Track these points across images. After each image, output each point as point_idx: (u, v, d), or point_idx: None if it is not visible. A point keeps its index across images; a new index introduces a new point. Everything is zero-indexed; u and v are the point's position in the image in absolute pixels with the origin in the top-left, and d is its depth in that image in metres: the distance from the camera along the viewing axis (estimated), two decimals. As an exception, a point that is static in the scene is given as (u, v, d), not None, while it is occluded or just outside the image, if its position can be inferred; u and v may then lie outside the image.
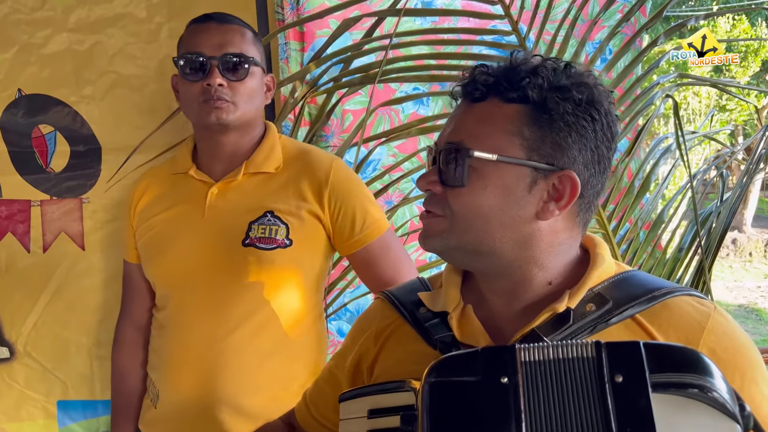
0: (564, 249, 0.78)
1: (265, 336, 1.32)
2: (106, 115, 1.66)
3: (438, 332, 0.78)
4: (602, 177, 0.78)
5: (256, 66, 1.33)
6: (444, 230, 0.77)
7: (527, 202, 0.74)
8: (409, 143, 1.72)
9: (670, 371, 0.61)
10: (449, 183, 0.76)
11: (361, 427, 0.73)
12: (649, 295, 0.75)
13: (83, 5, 1.64)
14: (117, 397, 1.51)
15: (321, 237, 1.35)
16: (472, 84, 0.77)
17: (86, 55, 1.65)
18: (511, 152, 0.74)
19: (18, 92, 1.66)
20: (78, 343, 1.69)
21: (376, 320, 0.88)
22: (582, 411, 0.61)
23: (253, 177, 1.35)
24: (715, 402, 0.59)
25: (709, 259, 1.65)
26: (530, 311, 0.76)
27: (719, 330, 0.73)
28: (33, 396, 1.70)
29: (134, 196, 1.46)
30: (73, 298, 1.68)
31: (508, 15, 1.59)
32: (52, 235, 1.68)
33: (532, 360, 0.64)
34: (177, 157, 1.44)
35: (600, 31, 1.69)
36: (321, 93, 1.63)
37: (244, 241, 1.30)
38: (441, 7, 1.68)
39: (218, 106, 1.29)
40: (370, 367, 0.85)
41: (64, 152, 1.66)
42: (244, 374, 1.31)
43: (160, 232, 1.38)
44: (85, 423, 1.75)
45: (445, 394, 0.64)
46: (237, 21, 1.36)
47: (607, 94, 0.78)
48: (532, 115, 0.74)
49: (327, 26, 1.64)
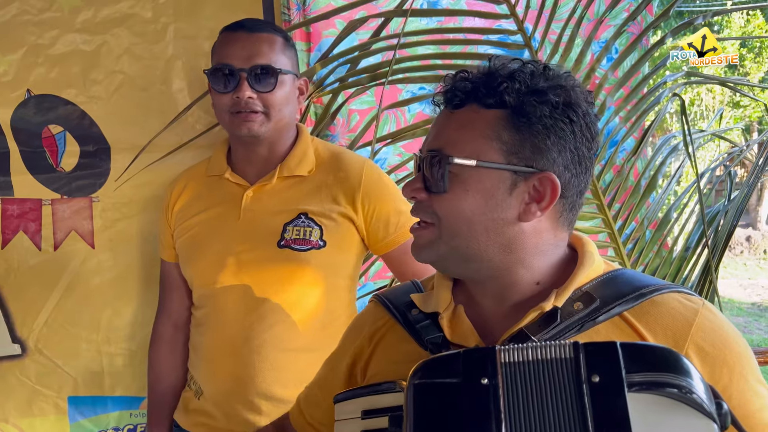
0: (549, 249, 0.79)
1: (300, 333, 1.36)
2: (113, 115, 1.68)
3: (429, 333, 0.79)
4: (584, 177, 0.79)
5: (287, 74, 1.34)
6: (433, 239, 0.78)
7: (509, 204, 0.76)
8: (414, 143, 1.73)
9: (647, 371, 0.62)
10: (433, 189, 0.77)
11: (355, 428, 0.75)
12: (636, 293, 0.76)
13: (90, 6, 1.66)
14: (154, 394, 1.55)
15: (354, 238, 1.38)
16: (452, 91, 0.78)
17: (93, 56, 1.67)
18: (490, 157, 0.75)
19: (27, 93, 1.69)
20: (88, 340, 1.72)
21: (368, 323, 0.89)
22: (560, 411, 0.62)
23: (287, 180, 1.38)
24: (692, 402, 0.60)
25: (716, 258, 1.64)
26: (519, 311, 0.78)
27: (707, 326, 0.74)
28: (44, 392, 1.73)
29: (171, 196, 1.49)
30: (83, 295, 1.70)
31: (514, 14, 1.60)
32: (63, 234, 1.71)
33: (512, 361, 0.66)
34: (212, 160, 1.47)
35: (606, 30, 1.69)
36: (327, 93, 1.65)
37: (280, 242, 1.34)
38: (447, 7, 1.69)
39: (250, 119, 1.32)
40: (363, 368, 0.87)
41: (74, 152, 1.69)
42: (280, 368, 1.35)
43: (198, 233, 1.42)
44: (95, 419, 1.78)
45: (429, 395, 0.66)
46: (268, 28, 1.38)
47: (586, 95, 0.79)
48: (510, 119, 0.75)
49: (333, 27, 1.65)
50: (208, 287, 1.41)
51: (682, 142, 1.75)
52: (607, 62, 1.69)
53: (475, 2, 1.66)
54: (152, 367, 1.55)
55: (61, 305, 1.70)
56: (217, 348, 1.40)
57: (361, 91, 1.66)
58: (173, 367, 1.52)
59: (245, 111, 1.31)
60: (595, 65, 1.64)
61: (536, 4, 1.61)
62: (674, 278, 1.69)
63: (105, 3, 1.65)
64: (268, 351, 1.35)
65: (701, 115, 8.92)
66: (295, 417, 1.00)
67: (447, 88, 0.79)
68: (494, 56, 0.79)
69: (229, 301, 1.38)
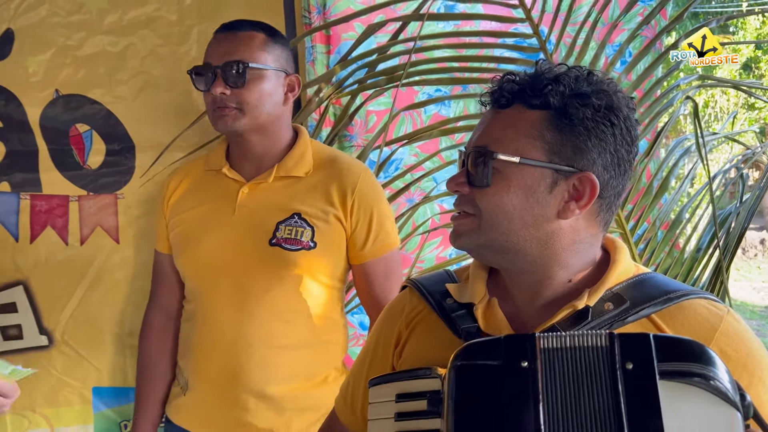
0: (584, 248, 0.82)
1: (289, 330, 1.38)
2: (138, 115, 1.73)
3: (464, 323, 0.83)
4: (622, 179, 0.82)
5: (264, 69, 1.35)
6: (473, 229, 0.81)
7: (548, 201, 0.79)
8: (430, 143, 1.76)
9: (676, 361, 0.65)
10: (476, 184, 0.81)
11: (389, 410, 0.78)
12: (665, 297, 0.79)
13: (117, 9, 1.71)
14: (142, 381, 1.57)
15: (343, 241, 1.40)
16: (499, 91, 0.82)
17: (119, 57, 1.72)
18: (532, 155, 0.79)
19: (55, 93, 1.74)
20: (112, 333, 1.76)
21: (406, 308, 0.92)
22: (595, 394, 0.65)
23: (284, 179, 1.40)
24: (717, 390, 0.63)
25: (727, 259, 1.67)
26: (551, 307, 0.81)
27: (731, 332, 0.77)
28: (70, 382, 1.78)
29: (168, 188, 1.52)
30: (108, 289, 1.75)
31: (529, 18, 1.63)
32: (89, 229, 1.76)
33: (551, 347, 0.69)
34: (212, 155, 1.50)
35: (620, 34, 1.71)
36: (345, 94, 1.68)
37: (271, 240, 1.36)
38: (463, 11, 1.72)
39: (224, 113, 1.35)
40: (399, 351, 0.90)
41: (100, 150, 1.74)
42: (269, 365, 1.37)
43: (192, 226, 1.45)
44: (118, 409, 1.83)
45: (470, 376, 0.69)
46: (249, 26, 1.39)
47: (627, 101, 0.82)
48: (553, 120, 0.79)
49: (352, 30, 1.69)
50: (199, 281, 1.43)
51: (694, 144, 1.78)
52: (621, 65, 1.72)
53: (491, 6, 1.68)
54: (141, 355, 1.56)
55: (87, 298, 1.75)
56: (206, 343, 1.41)
57: (378, 92, 1.69)
58: (162, 356, 1.53)
59: (221, 106, 1.34)
60: (609, 68, 1.67)
61: (551, 7, 1.64)
62: (685, 278, 1.71)
63: (131, 6, 1.70)
64: (256, 348, 1.36)
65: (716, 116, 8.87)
66: (339, 406, 1.02)
67: (494, 89, 0.83)
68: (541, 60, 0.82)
69: (219, 296, 1.39)
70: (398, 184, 1.73)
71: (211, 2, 1.69)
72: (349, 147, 1.73)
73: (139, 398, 1.57)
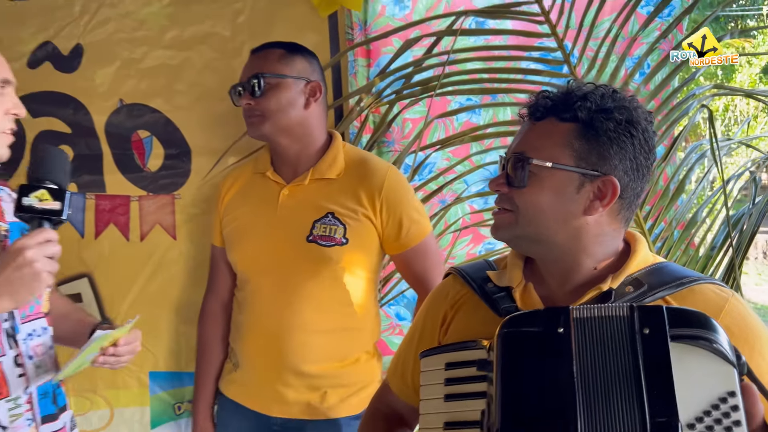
0: (608, 240, 0.95)
1: (325, 317, 1.53)
2: (194, 122, 1.87)
3: (504, 303, 0.96)
4: (641, 182, 0.95)
5: (280, 78, 1.51)
6: (511, 223, 0.95)
7: (576, 200, 0.92)
8: (461, 148, 1.87)
9: (685, 327, 0.78)
10: (514, 184, 0.94)
11: (439, 377, 0.92)
12: (677, 282, 0.92)
13: (176, 26, 1.85)
14: (200, 362, 1.74)
15: (373, 237, 1.54)
16: (535, 106, 0.96)
17: (178, 69, 1.86)
18: (563, 160, 0.92)
19: (119, 102, 1.89)
20: (168, 321, 1.90)
21: (451, 292, 1.06)
22: (617, 354, 0.78)
23: (318, 181, 1.55)
24: (718, 351, 0.76)
25: (740, 258, 1.78)
26: (579, 291, 0.94)
27: (734, 312, 0.89)
28: (128, 367, 1.84)
29: (222, 190, 1.68)
30: (165, 281, 1.90)
31: (554, 33, 1.75)
32: (148, 227, 1.90)
33: (582, 317, 0.82)
34: (258, 160, 1.65)
35: (639, 47, 1.81)
36: (384, 104, 1.81)
37: (308, 237, 1.51)
38: (493, 26, 1.82)
39: (251, 121, 1.53)
40: (445, 329, 1.03)
41: (159, 154, 1.88)
42: (307, 347, 1.53)
43: (241, 224, 1.61)
44: (172, 392, 1.96)
45: (515, 341, 0.83)
46: (270, 46, 1.57)
47: (646, 115, 0.95)
48: (581, 131, 0.92)
49: (391, 45, 1.80)
50: (247, 274, 1.59)
51: (709, 149, 1.89)
52: (640, 77, 1.83)
53: (518, 22, 1.80)
54: (199, 338, 1.73)
55: (146, 290, 1.89)
56: (253, 328, 1.57)
57: (414, 102, 1.80)
58: (216, 339, 1.70)
59: (249, 116, 1.53)
60: (629, 80, 1.77)
61: (575, 23, 1.74)
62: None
63: (189, 23, 1.84)
64: (296, 332, 1.51)
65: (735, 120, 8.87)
66: (390, 377, 1.16)
67: (531, 104, 0.96)
68: (572, 80, 0.96)
69: (264, 286, 1.55)
70: (431, 186, 1.85)
71: (261, 20, 1.82)
72: (387, 152, 1.86)
73: (198, 377, 1.73)
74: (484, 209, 1.89)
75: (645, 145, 0.94)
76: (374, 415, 1.17)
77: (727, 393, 0.74)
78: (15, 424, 1.16)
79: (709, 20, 1.76)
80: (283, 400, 1.54)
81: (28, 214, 1.07)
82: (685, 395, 0.73)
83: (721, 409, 0.73)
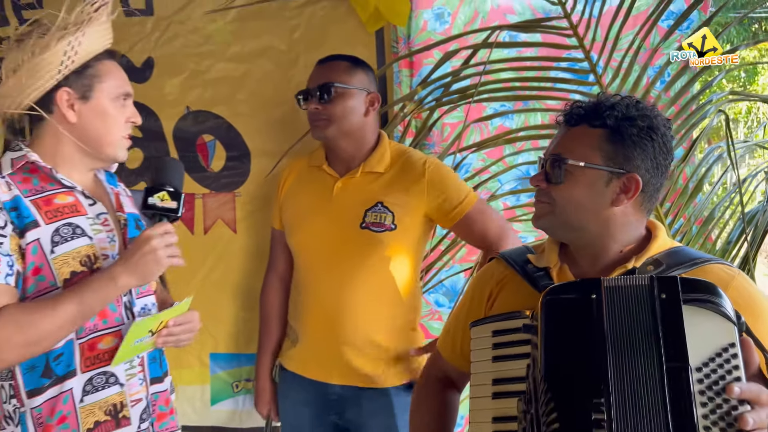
0: (632, 228, 1.11)
1: (377, 295, 1.71)
2: (253, 127, 2.06)
3: (543, 281, 1.12)
4: (661, 178, 1.11)
5: (347, 89, 1.70)
6: (549, 213, 1.12)
7: (605, 194, 1.08)
8: (495, 150, 2.03)
9: (695, 293, 0.94)
10: (552, 181, 1.11)
11: (487, 342, 1.10)
12: (691, 262, 1.08)
13: (238, 41, 2.05)
14: (262, 328, 1.92)
15: (419, 221, 1.73)
16: (570, 114, 1.13)
17: (239, 80, 2.05)
18: (594, 161, 1.08)
19: (186, 109, 2.09)
20: (227, 307, 2.09)
21: (495, 273, 1.23)
22: (640, 314, 0.95)
23: (369, 175, 1.74)
24: (722, 312, 0.93)
25: (754, 251, 1.93)
26: (607, 270, 1.10)
27: (740, 287, 1.05)
28: (190, 348, 2.04)
29: (282, 178, 1.88)
30: (225, 270, 2.08)
31: (582, 45, 1.91)
32: (211, 221, 2.10)
33: (611, 286, 0.98)
34: (313, 155, 1.85)
35: (660, 58, 1.96)
36: (425, 110, 1.98)
37: (361, 224, 1.70)
38: (525, 39, 1.98)
39: (317, 125, 1.72)
40: (490, 304, 1.21)
41: (222, 156, 2.08)
42: (359, 323, 1.71)
43: (299, 211, 1.80)
44: (230, 371, 2.15)
45: (555, 306, 1.00)
46: (337, 58, 1.76)
47: (665, 122, 1.12)
48: (609, 136, 1.08)
49: (432, 56, 1.97)
50: (305, 256, 1.78)
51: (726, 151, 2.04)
52: (660, 84, 1.97)
53: (548, 35, 1.95)
54: (261, 310, 1.92)
55: (208, 278, 2.08)
56: (311, 306, 1.75)
57: (452, 108, 1.97)
58: (276, 312, 1.88)
59: (315, 119, 1.71)
60: (650, 88, 1.92)
61: (600, 36, 1.89)
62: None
63: (250, 38, 2.03)
64: (350, 310, 1.69)
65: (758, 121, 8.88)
66: (441, 345, 1.33)
67: (567, 112, 1.13)
68: (601, 92, 1.13)
69: (321, 269, 1.73)
70: (468, 185, 2.02)
71: (315, 35, 2.01)
72: (428, 154, 2.02)
73: (260, 345, 1.92)
74: (516, 206, 2.05)
75: (663, 148, 1.10)
76: (428, 378, 1.35)
77: (728, 344, 0.91)
78: (130, 383, 1.36)
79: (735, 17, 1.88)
80: (339, 369, 1.72)
81: (151, 210, 1.30)
82: (694, 346, 0.90)
83: (723, 357, 0.90)
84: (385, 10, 1.90)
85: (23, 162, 1.30)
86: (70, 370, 1.29)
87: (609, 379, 0.91)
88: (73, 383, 1.29)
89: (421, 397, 1.33)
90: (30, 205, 1.27)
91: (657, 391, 0.89)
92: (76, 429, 1.30)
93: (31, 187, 1.29)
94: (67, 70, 1.26)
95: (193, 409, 2.14)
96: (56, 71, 1.25)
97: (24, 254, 1.24)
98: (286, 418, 1.84)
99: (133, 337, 1.31)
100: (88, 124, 1.31)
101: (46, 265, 1.26)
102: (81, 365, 1.30)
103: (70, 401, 1.29)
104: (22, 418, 1.28)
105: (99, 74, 1.31)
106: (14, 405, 1.29)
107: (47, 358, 1.28)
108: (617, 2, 1.87)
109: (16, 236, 1.24)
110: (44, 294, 1.26)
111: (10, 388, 1.29)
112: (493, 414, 1.05)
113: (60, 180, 1.32)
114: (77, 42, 1.24)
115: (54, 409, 1.28)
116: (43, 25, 1.25)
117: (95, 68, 1.30)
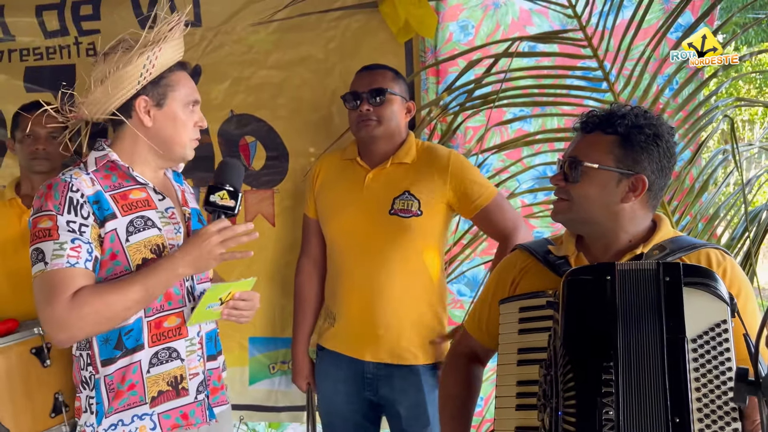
0: (639, 221, 1.27)
1: (408, 278, 1.87)
2: (292, 130, 2.22)
3: (562, 267, 1.28)
4: (665, 179, 1.27)
5: (394, 95, 1.87)
6: (567, 209, 1.28)
7: (616, 192, 1.24)
8: (514, 152, 2.18)
9: (694, 277, 1.11)
10: (569, 180, 1.27)
11: (514, 318, 1.27)
12: (690, 246, 1.24)
13: (278, 50, 2.21)
14: (297, 307, 2.08)
15: (443, 209, 1.89)
16: (585, 122, 1.29)
17: (279, 86, 2.22)
18: (606, 163, 1.24)
19: (230, 113, 2.27)
20: (265, 295, 2.18)
21: (518, 262, 1.39)
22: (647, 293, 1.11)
23: (398, 166, 1.90)
24: (717, 294, 1.09)
25: (756, 247, 2.08)
26: (618, 256, 1.26)
27: (729, 269, 1.21)
28: (231, 333, 2.26)
29: (315, 170, 2.04)
30: (265, 261, 2.25)
31: (596, 55, 2.05)
32: (252, 215, 2.27)
33: (624, 269, 1.15)
34: (346, 149, 2.01)
35: (669, 66, 2.10)
36: (450, 114, 2.14)
37: (390, 211, 1.87)
38: (543, 49, 2.12)
39: (367, 124, 1.87)
40: (514, 289, 1.37)
41: (262, 156, 2.24)
42: (392, 303, 1.86)
43: (333, 200, 1.96)
44: (267, 354, 2.32)
45: (576, 285, 1.17)
46: (384, 67, 1.92)
47: (669, 130, 1.27)
48: (620, 142, 1.24)
49: (456, 65, 2.12)
50: (340, 242, 1.93)
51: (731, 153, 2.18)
52: (669, 92, 2.09)
53: (564, 46, 2.09)
54: (296, 291, 2.08)
55: (249, 268, 2.22)
56: (346, 289, 1.91)
57: (475, 113, 2.12)
58: (310, 293, 2.05)
59: (365, 119, 1.86)
60: (660, 94, 2.05)
61: (613, 47, 2.02)
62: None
63: (289, 47, 2.19)
64: (382, 291, 1.85)
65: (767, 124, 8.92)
66: (469, 324, 1.49)
67: (583, 120, 1.29)
68: (614, 103, 1.30)
69: (355, 254, 1.89)
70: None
71: (350, 45, 2.17)
72: (452, 155, 2.19)
73: (296, 325, 2.08)
74: (534, 203, 2.20)
75: (668, 152, 1.26)
76: (456, 354, 1.52)
77: (720, 321, 1.07)
78: (189, 358, 1.53)
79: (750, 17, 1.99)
80: (374, 347, 1.88)
81: (212, 207, 1.45)
82: (691, 321, 1.07)
83: (715, 331, 1.06)
84: (414, 22, 2.06)
85: (105, 161, 1.48)
86: (139, 344, 1.46)
87: (618, 346, 1.08)
88: (141, 356, 1.46)
89: (449, 369, 1.49)
90: (109, 198, 1.44)
91: (658, 356, 1.06)
92: (143, 396, 1.47)
93: (111, 183, 1.47)
94: (145, 81, 1.44)
95: (232, 388, 2.26)
96: (136, 82, 1.42)
97: (102, 242, 1.42)
98: (324, 395, 2.01)
99: (207, 301, 1.46)
100: (162, 127, 1.49)
101: (121, 252, 1.43)
102: (148, 340, 1.47)
103: (138, 371, 1.46)
104: (97, 384, 1.46)
105: (172, 84, 1.48)
106: (90, 372, 1.47)
107: (120, 333, 1.45)
108: (629, 15, 2.01)
109: (96, 226, 1.41)
110: (119, 276, 1.43)
111: (88, 357, 1.47)
112: (518, 378, 1.22)
113: (135, 177, 1.49)
114: (155, 56, 1.41)
115: (124, 378, 1.45)
116: (126, 41, 1.43)
117: (169, 78, 1.48)
